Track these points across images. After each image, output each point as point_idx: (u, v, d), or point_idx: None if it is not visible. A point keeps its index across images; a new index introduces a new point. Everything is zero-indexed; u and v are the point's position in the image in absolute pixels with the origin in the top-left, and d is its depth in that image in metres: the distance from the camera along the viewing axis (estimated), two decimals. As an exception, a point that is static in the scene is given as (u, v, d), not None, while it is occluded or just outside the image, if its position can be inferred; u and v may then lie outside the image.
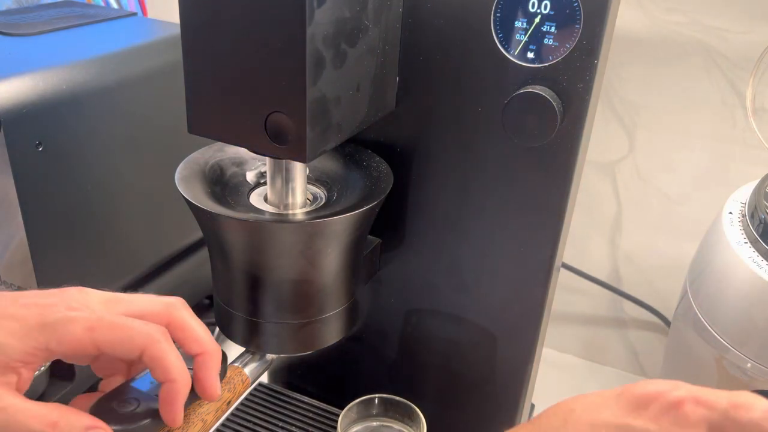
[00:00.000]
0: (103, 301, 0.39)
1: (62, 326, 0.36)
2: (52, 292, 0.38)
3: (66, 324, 0.36)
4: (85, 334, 0.36)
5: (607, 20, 0.43)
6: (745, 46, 0.66)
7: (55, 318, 0.36)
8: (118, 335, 0.36)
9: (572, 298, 0.85)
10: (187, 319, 0.40)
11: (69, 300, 0.37)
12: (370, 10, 0.42)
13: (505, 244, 0.52)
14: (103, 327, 0.36)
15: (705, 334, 0.53)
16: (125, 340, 0.37)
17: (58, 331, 0.35)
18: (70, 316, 0.36)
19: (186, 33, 0.40)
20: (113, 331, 0.36)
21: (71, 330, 0.36)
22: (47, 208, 0.55)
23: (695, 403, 0.31)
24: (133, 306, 0.39)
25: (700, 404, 0.31)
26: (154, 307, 0.40)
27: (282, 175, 0.46)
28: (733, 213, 0.55)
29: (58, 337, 0.35)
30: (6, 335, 0.35)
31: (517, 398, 0.58)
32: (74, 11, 0.71)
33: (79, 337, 0.36)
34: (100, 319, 0.36)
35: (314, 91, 0.38)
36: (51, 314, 0.36)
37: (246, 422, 0.61)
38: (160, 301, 0.40)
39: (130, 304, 0.39)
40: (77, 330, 0.36)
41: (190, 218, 0.47)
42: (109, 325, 0.36)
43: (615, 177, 0.77)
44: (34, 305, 0.36)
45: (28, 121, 0.51)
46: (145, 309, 0.39)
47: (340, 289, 0.49)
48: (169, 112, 0.63)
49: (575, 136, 0.46)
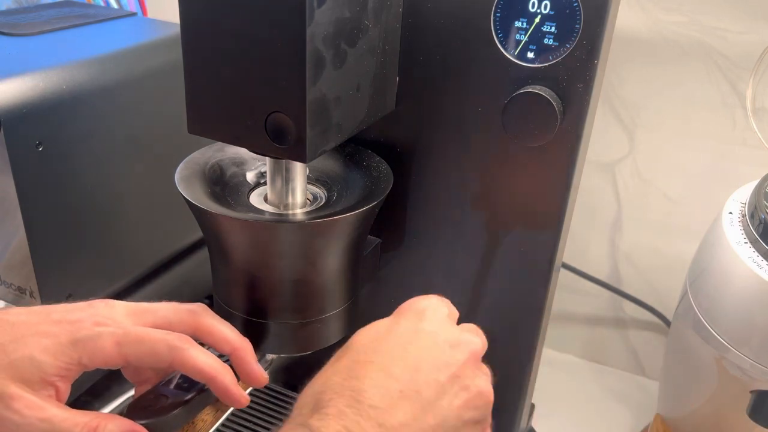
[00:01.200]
0: (129, 314, 0.41)
1: (92, 342, 0.38)
2: (79, 306, 0.40)
3: (95, 340, 0.38)
4: (114, 349, 0.38)
5: (607, 20, 0.43)
6: (745, 46, 0.66)
7: (84, 335, 0.38)
8: (144, 348, 0.39)
9: (572, 298, 0.85)
10: (213, 323, 0.42)
11: (96, 315, 0.39)
12: (370, 10, 0.42)
13: (505, 244, 0.52)
14: (129, 341, 0.38)
15: (705, 334, 0.53)
16: (151, 352, 0.39)
17: (88, 347, 0.38)
18: (99, 332, 0.38)
19: (186, 33, 0.40)
20: (139, 345, 0.38)
21: (100, 346, 0.38)
22: (47, 208, 0.55)
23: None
24: (158, 316, 0.41)
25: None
26: (179, 315, 0.42)
27: (282, 175, 0.46)
28: (733, 213, 0.55)
29: (89, 353, 0.38)
30: (41, 352, 0.37)
31: (517, 398, 0.58)
32: (74, 11, 0.71)
33: (108, 351, 0.38)
34: (126, 334, 0.38)
35: (314, 91, 0.38)
36: (80, 331, 0.38)
37: (246, 422, 0.61)
38: (184, 308, 0.42)
39: (155, 315, 0.41)
40: (106, 345, 0.38)
41: (190, 218, 0.47)
42: (135, 338, 0.38)
43: (615, 177, 0.77)
44: (64, 321, 0.38)
45: (28, 121, 0.51)
46: (171, 318, 0.42)
47: (340, 289, 0.49)
48: (169, 112, 0.63)
49: (575, 136, 0.46)
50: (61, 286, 0.58)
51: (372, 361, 0.35)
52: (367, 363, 0.35)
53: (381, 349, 0.36)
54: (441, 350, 0.37)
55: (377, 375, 0.34)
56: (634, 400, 0.81)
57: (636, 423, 0.78)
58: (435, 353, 0.36)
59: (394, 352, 0.36)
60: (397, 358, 0.35)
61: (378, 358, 0.35)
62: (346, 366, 0.35)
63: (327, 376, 0.35)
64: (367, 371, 0.34)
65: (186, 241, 0.72)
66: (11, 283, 0.57)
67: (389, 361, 0.35)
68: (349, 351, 0.37)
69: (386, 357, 0.35)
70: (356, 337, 0.38)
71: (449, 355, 0.37)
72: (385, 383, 0.34)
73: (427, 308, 0.40)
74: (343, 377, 0.35)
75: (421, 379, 0.35)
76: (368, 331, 0.38)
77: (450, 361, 0.36)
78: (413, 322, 0.38)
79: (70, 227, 0.57)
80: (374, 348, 0.36)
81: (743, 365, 0.51)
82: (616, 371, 0.86)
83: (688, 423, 0.63)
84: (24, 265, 0.55)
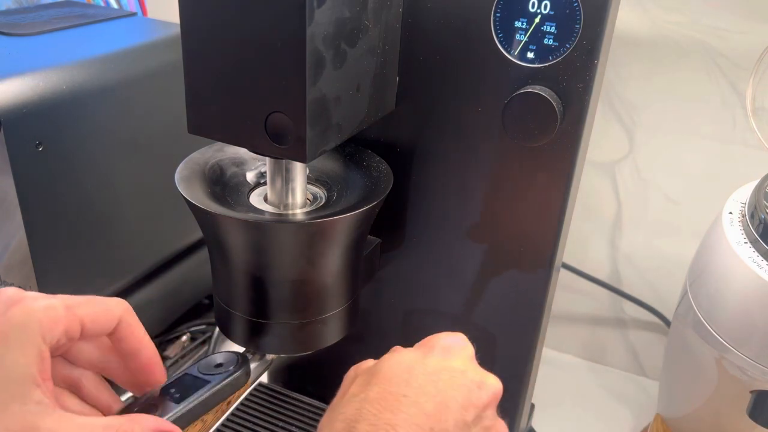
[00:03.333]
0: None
1: (44, 314, 0.34)
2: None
3: (47, 311, 0.34)
4: (68, 312, 0.35)
5: (607, 20, 0.43)
6: (745, 46, 0.66)
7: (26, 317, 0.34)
8: (97, 307, 0.37)
9: (572, 298, 0.85)
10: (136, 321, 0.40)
11: (21, 295, 0.35)
12: (370, 10, 0.42)
13: (505, 244, 0.52)
14: (80, 302, 0.36)
15: (705, 334, 0.53)
16: (104, 310, 0.37)
17: (43, 324, 0.34)
18: (48, 303, 0.35)
19: (186, 33, 0.40)
20: (90, 305, 0.37)
21: (53, 316, 0.35)
22: (47, 208, 0.55)
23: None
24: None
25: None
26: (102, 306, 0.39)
27: (282, 175, 0.46)
28: (733, 213, 0.55)
29: (47, 330, 0.34)
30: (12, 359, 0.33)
31: (518, 399, 0.58)
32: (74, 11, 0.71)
33: (63, 316, 0.35)
34: (71, 297, 0.36)
35: (314, 91, 0.38)
36: (22, 314, 0.34)
37: (246, 422, 0.61)
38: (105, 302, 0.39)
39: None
40: (59, 312, 0.35)
41: (190, 218, 0.47)
42: (84, 300, 0.37)
43: (615, 177, 0.77)
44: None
45: (28, 121, 0.51)
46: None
47: (340, 289, 0.49)
48: (169, 112, 0.63)
49: (575, 136, 0.46)
50: (61, 285, 0.58)
51: (405, 395, 0.36)
52: (400, 396, 0.35)
53: (413, 383, 0.36)
54: (469, 389, 0.37)
55: (411, 410, 0.35)
56: (634, 401, 0.81)
57: (636, 423, 0.78)
58: (463, 392, 0.37)
59: (426, 387, 0.36)
60: (429, 395, 0.36)
61: (411, 392, 0.36)
62: (380, 397, 0.36)
63: (359, 404, 0.35)
64: (401, 405, 0.35)
65: (186, 241, 0.72)
66: (11, 283, 0.57)
67: (422, 396, 0.36)
68: (380, 380, 0.37)
69: (419, 392, 0.36)
70: (386, 366, 0.38)
71: (476, 395, 0.37)
72: (418, 420, 0.35)
73: (454, 346, 0.40)
74: (377, 409, 0.35)
75: (450, 417, 0.36)
76: (398, 361, 0.38)
77: (476, 401, 0.37)
78: (442, 359, 0.39)
79: (70, 227, 0.57)
80: (407, 381, 0.36)
81: (743, 365, 0.51)
82: (616, 371, 0.86)
83: (688, 423, 0.62)
84: (24, 264, 0.55)
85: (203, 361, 0.45)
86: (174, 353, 0.76)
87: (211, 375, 0.43)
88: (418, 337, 0.60)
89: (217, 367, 0.44)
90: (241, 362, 0.45)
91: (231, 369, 0.44)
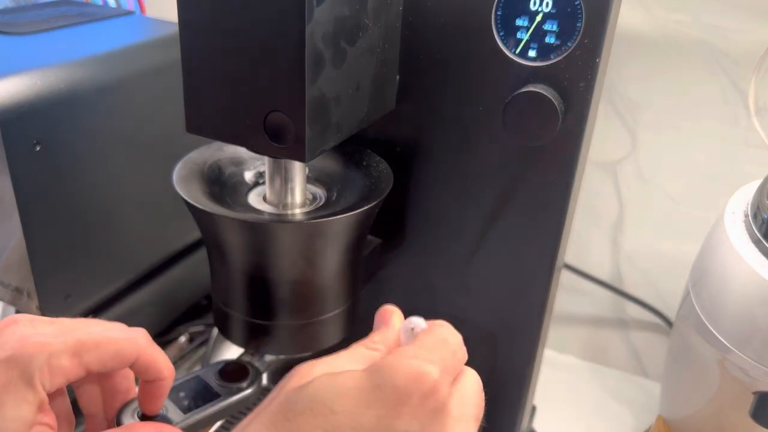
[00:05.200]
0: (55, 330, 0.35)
1: (45, 363, 0.33)
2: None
3: (50, 360, 0.33)
4: (72, 360, 0.34)
5: (608, 18, 0.42)
6: (748, 45, 0.66)
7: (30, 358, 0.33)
8: (107, 353, 0.35)
9: (574, 299, 0.85)
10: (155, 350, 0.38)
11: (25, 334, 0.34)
12: (370, 8, 0.41)
13: (506, 244, 0.52)
14: (90, 347, 0.35)
15: (707, 334, 0.53)
16: (115, 352, 0.35)
17: (44, 370, 0.33)
18: (52, 351, 0.33)
19: (184, 31, 0.39)
20: (101, 349, 0.35)
21: (56, 363, 0.33)
22: (45, 208, 0.54)
23: (448, 384, 0.32)
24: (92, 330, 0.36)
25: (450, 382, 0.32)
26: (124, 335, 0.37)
27: (281, 175, 0.46)
28: (735, 213, 0.54)
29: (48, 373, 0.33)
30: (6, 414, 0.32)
31: (518, 399, 0.58)
32: (72, 10, 0.71)
33: (66, 365, 0.34)
34: (81, 342, 0.34)
35: (313, 90, 0.38)
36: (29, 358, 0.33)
37: (245, 423, 0.61)
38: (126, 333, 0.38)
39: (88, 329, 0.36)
40: (62, 360, 0.34)
41: (188, 218, 0.46)
42: (96, 342, 0.35)
43: (617, 176, 0.77)
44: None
45: (25, 121, 0.51)
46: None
47: (340, 289, 0.49)
48: (167, 111, 0.63)
49: (577, 135, 0.46)
50: (59, 286, 0.58)
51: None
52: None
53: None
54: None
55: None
56: (635, 402, 0.81)
57: (638, 424, 0.78)
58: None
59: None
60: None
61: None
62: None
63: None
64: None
65: (185, 241, 0.72)
66: (9, 283, 0.57)
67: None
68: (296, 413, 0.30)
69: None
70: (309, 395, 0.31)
71: None
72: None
73: (413, 392, 0.30)
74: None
75: None
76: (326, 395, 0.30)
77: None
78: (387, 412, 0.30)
79: (68, 227, 0.57)
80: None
81: (745, 366, 0.50)
82: (617, 372, 0.86)
83: (690, 424, 0.62)
84: (22, 265, 0.55)
85: (217, 365, 0.44)
86: (172, 354, 0.76)
87: (223, 387, 0.42)
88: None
89: (231, 378, 0.43)
90: (255, 379, 0.44)
91: (244, 386, 0.43)
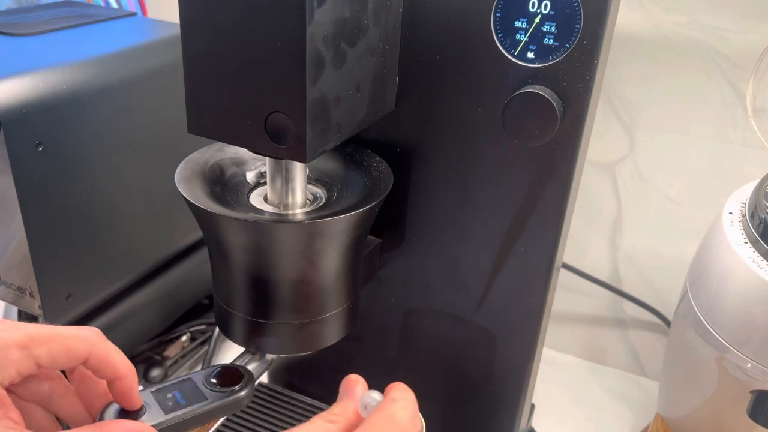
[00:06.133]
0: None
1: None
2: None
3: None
4: (21, 353, 0.34)
5: (607, 20, 0.43)
6: (746, 46, 0.66)
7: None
8: (56, 346, 0.35)
9: (572, 298, 0.85)
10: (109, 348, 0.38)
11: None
12: (370, 9, 0.42)
13: (505, 244, 0.52)
14: (40, 341, 0.34)
15: (705, 334, 0.53)
16: (66, 349, 0.35)
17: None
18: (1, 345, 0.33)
19: (186, 33, 0.40)
20: (51, 343, 0.35)
21: (4, 356, 0.33)
22: (47, 209, 0.55)
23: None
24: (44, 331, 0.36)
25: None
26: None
27: (282, 175, 0.46)
28: (733, 213, 0.55)
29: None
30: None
31: (517, 399, 0.58)
32: (74, 11, 0.71)
33: (16, 358, 0.34)
34: (30, 335, 0.34)
35: (314, 91, 0.38)
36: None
37: (246, 422, 0.61)
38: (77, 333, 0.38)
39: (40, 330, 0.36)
40: (11, 352, 0.34)
41: (190, 218, 0.47)
42: (47, 337, 0.35)
43: (615, 177, 0.77)
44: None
45: (27, 122, 0.51)
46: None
47: (340, 289, 0.49)
48: (168, 112, 0.63)
49: (575, 136, 0.46)
50: (61, 286, 0.58)
51: None
52: None
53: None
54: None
55: None
56: (634, 401, 0.81)
57: (636, 423, 0.78)
58: None
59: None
60: None
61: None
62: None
63: None
64: None
65: (186, 241, 0.72)
66: (11, 283, 0.57)
67: None
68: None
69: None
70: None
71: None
72: None
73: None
74: None
75: None
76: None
77: None
78: None
79: (70, 227, 0.57)
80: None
81: (743, 365, 0.51)
82: (616, 371, 0.86)
83: (689, 423, 0.62)
84: (24, 265, 0.55)
85: (213, 368, 0.45)
86: (174, 353, 0.76)
87: (211, 390, 0.43)
88: (418, 337, 0.60)
89: (222, 381, 0.44)
90: (245, 383, 0.44)
91: (233, 390, 0.43)
